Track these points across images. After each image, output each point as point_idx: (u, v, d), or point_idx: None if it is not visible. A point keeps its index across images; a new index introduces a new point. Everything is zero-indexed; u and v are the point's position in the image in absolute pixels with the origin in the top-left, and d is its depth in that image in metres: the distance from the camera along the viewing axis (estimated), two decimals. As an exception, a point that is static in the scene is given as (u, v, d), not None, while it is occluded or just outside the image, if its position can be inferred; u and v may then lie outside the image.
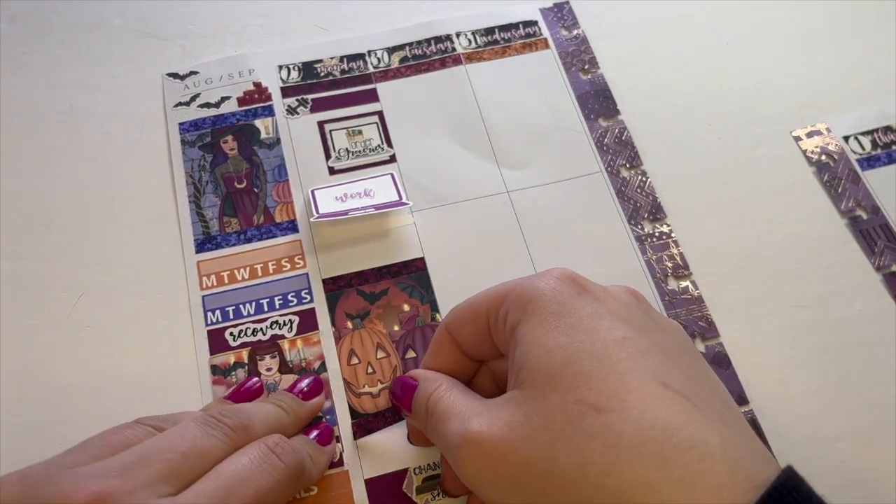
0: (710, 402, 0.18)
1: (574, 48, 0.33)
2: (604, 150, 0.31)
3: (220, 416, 0.21)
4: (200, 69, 0.32)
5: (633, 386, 0.18)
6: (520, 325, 0.20)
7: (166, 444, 0.19)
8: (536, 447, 0.18)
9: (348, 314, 0.27)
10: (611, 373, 0.18)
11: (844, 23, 0.34)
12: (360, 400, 0.25)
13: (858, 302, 0.28)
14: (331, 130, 0.31)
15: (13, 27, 0.33)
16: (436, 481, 0.24)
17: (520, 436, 0.18)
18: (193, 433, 0.20)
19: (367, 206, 0.28)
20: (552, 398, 0.18)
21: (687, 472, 0.16)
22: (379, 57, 0.33)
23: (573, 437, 0.17)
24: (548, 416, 0.18)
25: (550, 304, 0.20)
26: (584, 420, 0.17)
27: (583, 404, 0.17)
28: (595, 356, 0.18)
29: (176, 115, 0.31)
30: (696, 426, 0.17)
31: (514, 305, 0.20)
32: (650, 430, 0.17)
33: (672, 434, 0.17)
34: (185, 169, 0.30)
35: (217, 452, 0.20)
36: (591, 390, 0.18)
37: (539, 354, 0.19)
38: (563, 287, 0.20)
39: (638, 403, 0.17)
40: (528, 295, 0.20)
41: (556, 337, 0.19)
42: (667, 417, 0.17)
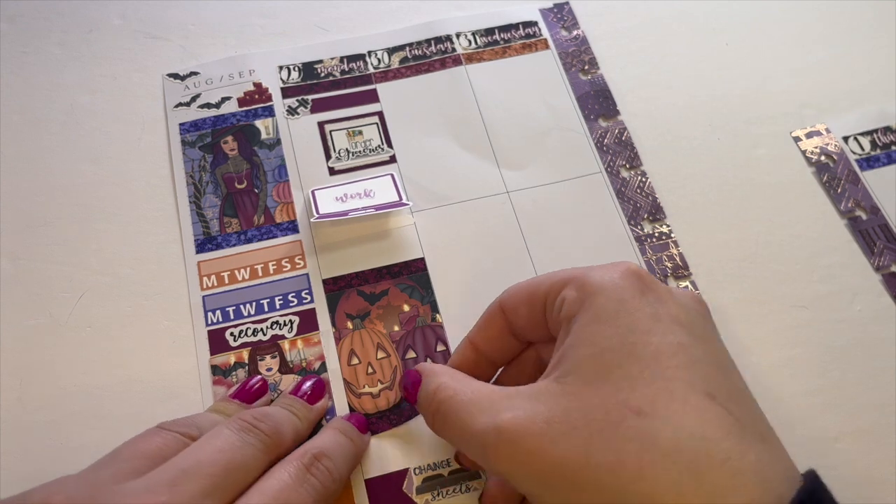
0: (753, 419, 0.18)
1: (574, 49, 0.33)
2: (604, 151, 0.31)
3: (254, 421, 0.21)
4: (201, 70, 0.32)
5: (678, 394, 0.17)
6: (577, 316, 0.20)
7: (207, 457, 0.19)
8: (573, 445, 0.17)
9: (348, 314, 0.27)
10: (657, 378, 0.18)
11: (844, 23, 0.34)
12: (361, 400, 0.26)
13: (858, 302, 0.28)
14: (331, 131, 0.31)
15: (13, 27, 0.33)
16: (436, 481, 0.24)
17: (558, 432, 0.18)
18: (231, 442, 0.20)
19: (368, 206, 0.28)
20: (595, 398, 0.18)
21: (718, 486, 0.16)
22: (379, 57, 0.33)
23: (611, 438, 0.17)
24: (588, 415, 0.18)
25: (611, 301, 0.19)
26: (624, 422, 0.17)
27: (625, 406, 0.17)
28: (645, 360, 0.18)
29: (176, 116, 0.31)
30: (735, 441, 0.17)
31: (575, 296, 0.20)
32: (688, 439, 0.17)
33: (709, 445, 0.17)
34: (186, 169, 0.30)
35: (255, 463, 0.20)
36: (634, 392, 0.18)
37: (590, 353, 0.19)
38: (626, 283, 0.20)
39: (679, 411, 0.17)
40: (591, 287, 0.20)
41: (609, 337, 0.19)
42: (706, 428, 0.17)
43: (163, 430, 0.21)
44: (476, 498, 0.24)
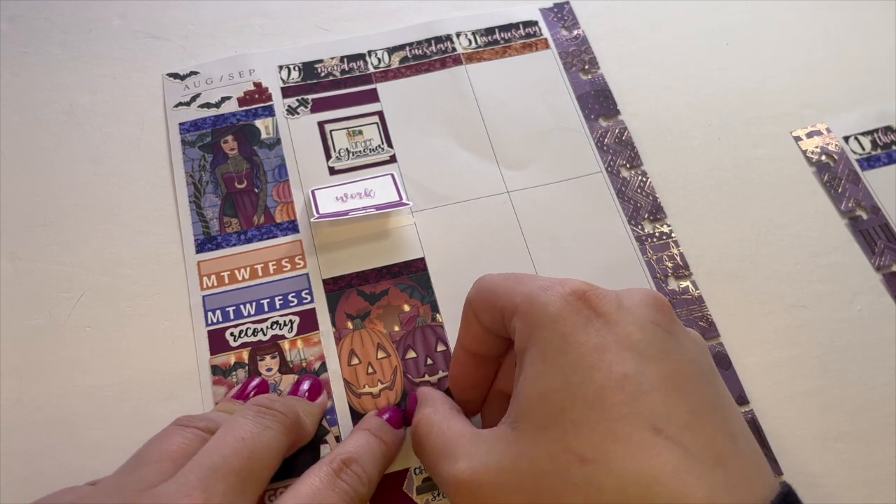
0: (708, 442, 0.17)
1: (574, 48, 0.33)
2: (604, 151, 0.31)
3: (269, 403, 0.21)
4: (201, 69, 0.32)
5: (622, 434, 0.17)
6: (525, 352, 0.20)
7: (230, 450, 0.19)
8: (522, 497, 0.18)
9: (348, 314, 0.27)
10: (601, 420, 0.17)
11: (844, 23, 0.34)
12: (361, 400, 0.25)
13: (858, 302, 0.28)
14: (331, 130, 0.31)
15: (13, 27, 0.33)
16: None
17: (508, 483, 0.18)
18: (250, 430, 0.20)
19: (368, 206, 0.28)
20: (541, 445, 0.18)
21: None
22: (379, 57, 0.33)
23: (558, 487, 0.17)
24: (536, 464, 0.18)
25: (555, 335, 0.19)
26: (569, 471, 0.17)
27: (570, 454, 0.17)
28: (588, 402, 0.18)
29: (176, 116, 0.31)
30: (683, 478, 0.16)
31: (522, 327, 0.20)
32: (634, 484, 0.16)
33: (656, 487, 0.16)
34: (186, 169, 0.30)
35: (277, 445, 0.21)
36: (578, 439, 0.17)
37: (535, 395, 0.18)
38: (570, 313, 0.19)
39: (623, 454, 0.17)
40: (535, 319, 0.19)
41: (553, 379, 0.18)
42: (652, 469, 0.17)
43: (182, 428, 0.21)
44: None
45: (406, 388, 0.26)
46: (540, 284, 0.20)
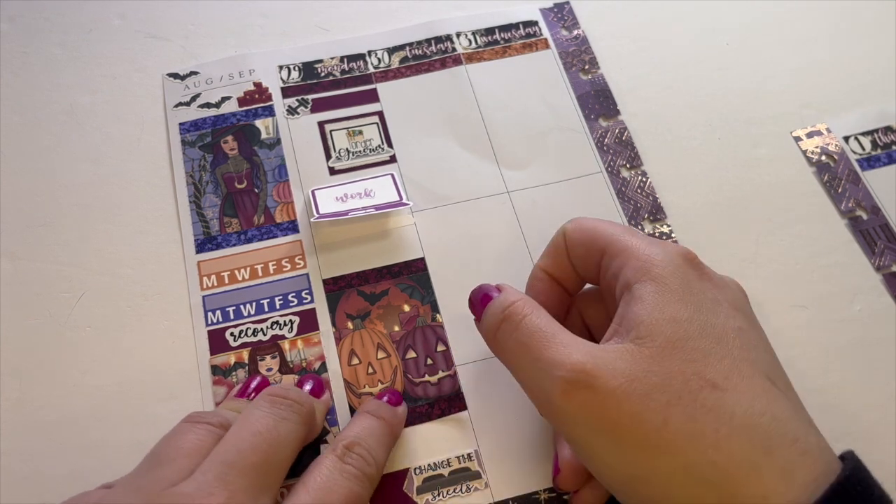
0: (801, 406, 0.20)
1: (574, 48, 0.33)
2: (604, 151, 0.31)
3: (283, 392, 0.22)
4: (201, 69, 0.32)
5: (746, 373, 0.19)
6: (638, 283, 0.20)
7: (247, 444, 0.19)
8: (652, 406, 0.18)
9: (349, 314, 0.27)
10: (727, 357, 0.19)
11: (844, 23, 0.34)
12: (361, 400, 0.25)
13: (858, 302, 0.28)
14: (331, 131, 0.31)
15: (13, 27, 0.33)
16: (436, 481, 0.24)
17: (638, 390, 0.18)
18: (266, 423, 0.20)
19: (368, 206, 0.28)
20: (671, 364, 0.19)
21: (788, 463, 0.17)
22: (379, 57, 0.33)
23: (689, 405, 0.18)
24: (666, 379, 0.18)
25: (674, 277, 0.20)
26: (701, 393, 0.18)
27: (701, 378, 0.18)
28: (715, 338, 0.19)
29: (176, 116, 0.31)
30: (799, 424, 0.18)
31: (633, 266, 0.21)
32: (760, 417, 0.18)
33: (780, 425, 0.18)
34: (186, 169, 0.30)
35: (294, 436, 0.21)
36: (708, 367, 0.18)
37: (663, 319, 0.19)
38: (686, 266, 0.21)
39: (749, 391, 0.18)
40: (652, 262, 0.21)
41: (680, 309, 0.19)
42: (775, 410, 0.18)
43: (195, 425, 0.21)
44: (476, 499, 0.24)
45: (406, 389, 0.26)
46: (649, 238, 0.22)
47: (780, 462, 0.17)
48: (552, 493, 0.24)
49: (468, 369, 0.26)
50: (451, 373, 0.26)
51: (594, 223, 0.23)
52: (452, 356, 0.26)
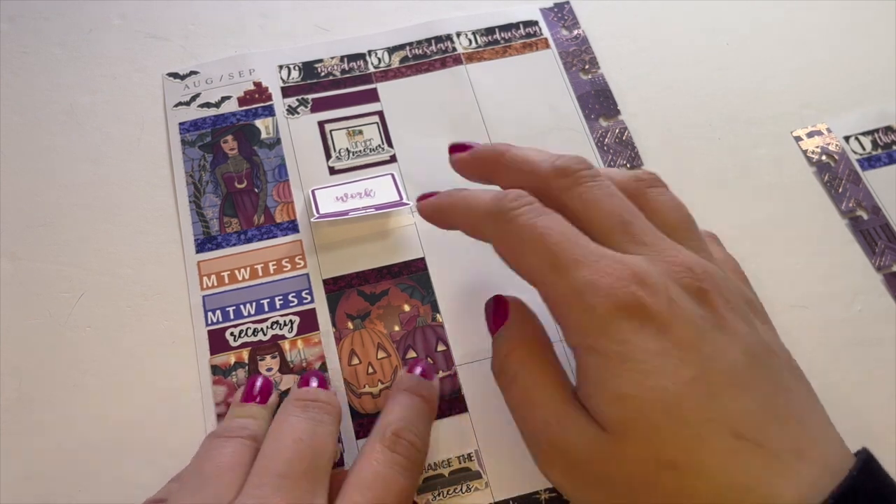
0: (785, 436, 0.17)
1: (574, 48, 0.33)
2: (604, 150, 0.31)
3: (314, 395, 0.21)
4: (201, 69, 0.32)
5: (707, 441, 0.17)
6: (582, 355, 0.19)
7: (292, 453, 0.19)
8: (615, 494, 0.18)
9: (349, 314, 0.27)
10: (683, 426, 0.17)
11: (844, 23, 0.34)
12: (361, 400, 0.25)
13: (858, 302, 0.28)
14: (331, 130, 0.31)
15: (13, 27, 0.33)
16: (437, 481, 0.24)
17: (605, 476, 0.18)
18: (304, 428, 0.20)
19: (368, 206, 0.28)
20: (628, 450, 0.17)
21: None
22: (379, 57, 0.33)
23: (651, 493, 0.17)
24: (625, 468, 0.17)
25: (613, 343, 0.18)
26: (661, 477, 0.17)
27: (659, 462, 0.17)
28: (666, 408, 0.17)
29: (176, 115, 0.31)
30: (772, 480, 0.17)
31: (572, 327, 0.19)
32: (727, 490, 0.16)
33: (747, 495, 0.16)
34: (186, 169, 0.30)
35: (332, 438, 0.21)
36: (665, 445, 0.17)
37: (610, 399, 0.18)
38: (622, 320, 0.18)
39: (712, 462, 0.17)
40: (585, 324, 0.18)
41: (623, 384, 0.17)
42: (743, 477, 0.16)
43: (227, 440, 0.21)
44: (476, 499, 0.24)
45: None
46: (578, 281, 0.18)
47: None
48: (553, 493, 0.24)
49: (468, 369, 0.26)
50: (452, 373, 0.26)
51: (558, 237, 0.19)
52: (453, 356, 0.26)
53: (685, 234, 0.21)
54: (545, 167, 0.21)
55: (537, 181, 0.21)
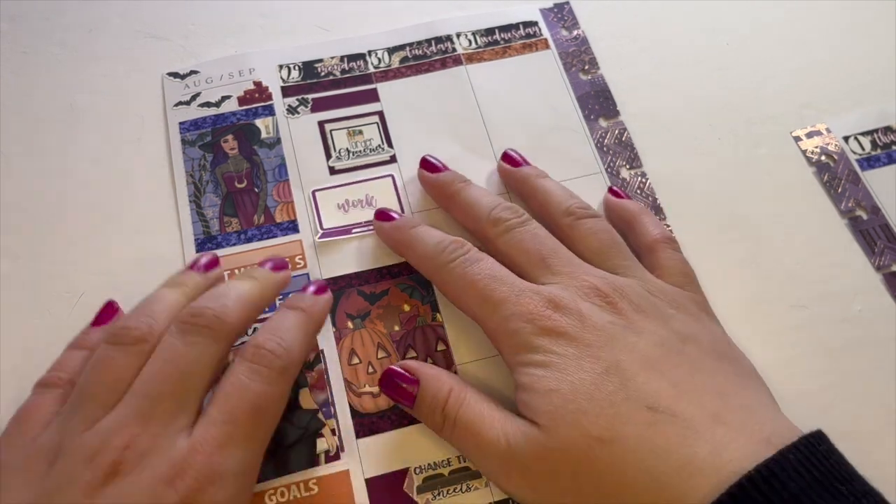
0: (700, 407, 0.20)
1: (574, 49, 0.33)
2: (604, 151, 0.31)
3: (191, 319, 0.21)
4: (201, 68, 0.32)
5: (626, 417, 0.20)
6: (512, 368, 0.23)
7: (164, 376, 0.20)
8: (562, 476, 0.20)
9: (349, 314, 0.27)
10: (604, 406, 0.20)
11: (844, 23, 0.34)
12: (361, 399, 0.26)
13: (858, 302, 0.28)
14: (331, 130, 0.31)
15: (13, 27, 0.33)
16: (437, 481, 0.24)
17: (550, 466, 0.20)
18: (176, 350, 0.21)
19: (370, 221, 0.28)
20: (561, 433, 0.20)
21: (679, 490, 0.19)
22: (379, 57, 0.33)
23: (589, 469, 0.20)
24: (562, 451, 0.20)
25: (533, 354, 0.22)
26: (592, 451, 0.20)
27: (589, 437, 0.20)
28: (587, 394, 0.20)
29: (176, 115, 0.31)
30: (686, 444, 0.19)
31: (506, 350, 0.23)
32: (649, 456, 0.19)
33: (666, 458, 0.19)
34: (186, 168, 0.30)
35: (206, 360, 0.21)
36: (591, 425, 0.20)
37: (537, 400, 0.21)
38: (538, 340, 0.22)
39: (633, 433, 0.20)
40: (516, 347, 0.22)
41: (549, 383, 0.21)
42: (660, 440, 0.19)
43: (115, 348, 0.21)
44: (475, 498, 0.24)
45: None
46: (504, 315, 0.23)
47: (672, 493, 0.19)
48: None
49: (468, 369, 0.26)
50: (452, 372, 0.26)
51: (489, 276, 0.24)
52: (453, 356, 0.26)
53: (605, 255, 0.25)
54: (483, 215, 0.26)
55: (478, 225, 0.26)
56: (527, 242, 0.24)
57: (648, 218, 0.27)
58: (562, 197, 0.27)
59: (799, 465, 0.18)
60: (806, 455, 0.18)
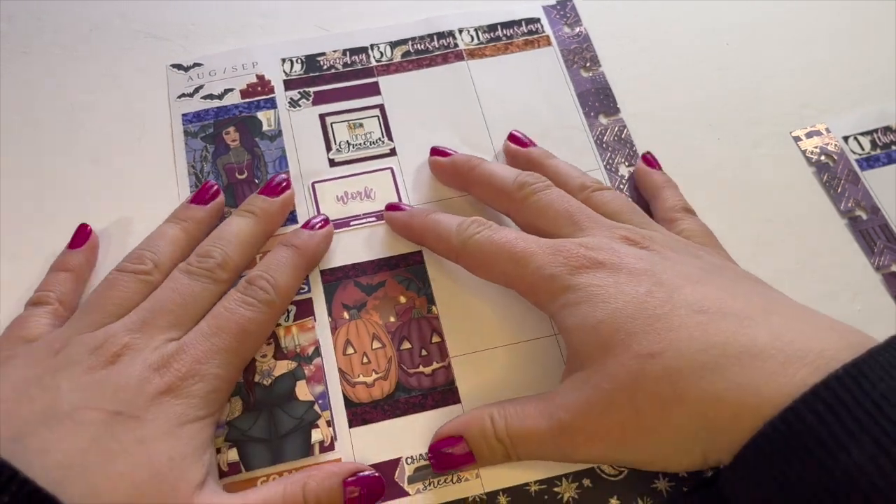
0: (749, 302, 0.20)
1: (576, 46, 0.34)
2: (603, 148, 0.31)
3: (198, 262, 0.25)
4: (204, 61, 0.32)
5: (676, 323, 0.19)
6: (555, 315, 0.22)
7: (167, 301, 0.24)
8: (619, 408, 0.20)
9: (345, 305, 0.27)
10: (650, 321, 0.20)
11: (844, 23, 0.34)
12: (355, 389, 0.25)
13: (858, 302, 0.27)
14: (332, 123, 0.31)
15: (13, 27, 0.33)
16: (428, 471, 0.24)
17: (601, 406, 0.20)
18: (183, 283, 0.24)
19: (368, 213, 0.29)
20: (610, 365, 0.20)
21: (744, 375, 0.18)
22: (381, 51, 0.33)
23: (643, 385, 0.19)
24: (615, 380, 0.20)
25: (573, 293, 0.21)
26: (644, 368, 0.19)
27: (638, 356, 0.19)
28: (632, 316, 0.20)
29: (179, 107, 0.31)
30: (743, 332, 0.19)
31: (544, 298, 0.23)
32: (704, 353, 0.19)
33: (723, 349, 0.19)
34: (188, 160, 0.30)
35: (207, 294, 0.24)
36: (641, 344, 0.19)
37: (584, 337, 0.21)
38: (576, 275, 0.22)
39: (684, 335, 0.19)
40: (554, 291, 0.22)
41: (592, 316, 0.21)
42: (713, 338, 0.19)
43: (123, 274, 0.24)
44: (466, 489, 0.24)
45: (400, 379, 0.26)
46: (538, 264, 0.22)
47: (735, 380, 0.18)
48: (543, 485, 0.24)
49: (462, 361, 0.26)
50: (446, 364, 0.26)
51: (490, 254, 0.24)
52: (447, 348, 0.26)
53: (627, 216, 0.25)
54: (508, 182, 0.26)
55: (502, 194, 0.26)
56: (555, 202, 0.25)
57: (672, 191, 0.28)
58: (574, 174, 0.27)
59: (889, 366, 0.17)
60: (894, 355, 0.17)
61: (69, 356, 0.22)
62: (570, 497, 0.24)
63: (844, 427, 0.16)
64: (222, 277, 0.25)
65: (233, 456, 0.24)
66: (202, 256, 0.25)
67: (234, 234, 0.26)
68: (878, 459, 0.15)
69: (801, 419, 0.16)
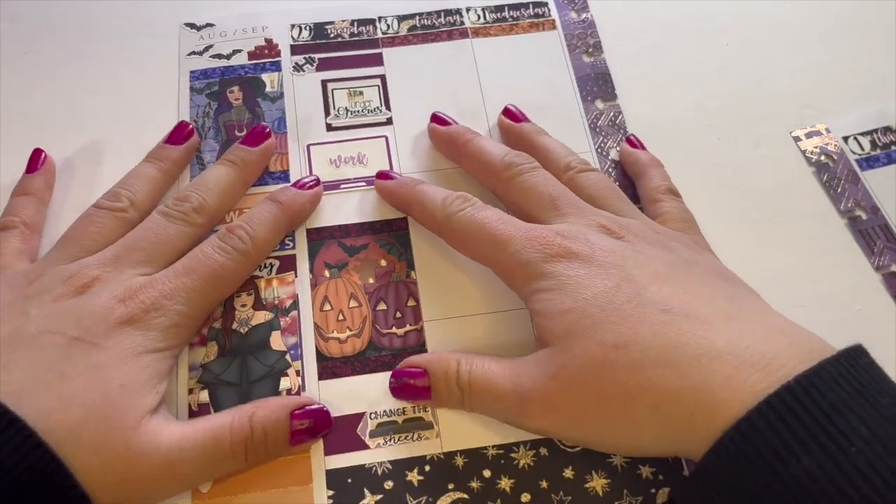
0: (711, 307, 0.20)
1: (580, 31, 0.34)
2: (596, 132, 0.31)
3: (175, 205, 0.25)
4: (217, 22, 0.33)
5: (641, 320, 0.20)
6: (527, 299, 0.23)
7: (141, 239, 0.24)
8: (581, 389, 0.20)
9: (327, 263, 0.27)
10: (617, 315, 0.20)
11: (844, 23, 0.34)
12: (328, 344, 0.25)
13: (858, 302, 0.27)
14: (333, 89, 0.32)
15: (13, 27, 0.32)
16: (390, 427, 0.23)
17: (562, 383, 0.20)
18: (159, 223, 0.25)
19: (359, 177, 0.29)
20: (577, 348, 0.20)
21: (701, 376, 0.19)
22: (388, 23, 0.34)
23: (607, 374, 0.20)
24: (579, 362, 0.20)
25: (545, 281, 0.22)
26: (608, 357, 0.20)
27: (604, 345, 0.20)
28: (600, 306, 0.21)
29: (188, 63, 0.32)
30: (703, 335, 0.19)
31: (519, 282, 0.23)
32: (665, 350, 0.19)
33: (684, 349, 0.19)
34: (191, 115, 0.31)
35: (181, 236, 0.25)
36: (607, 334, 0.20)
37: (552, 322, 0.21)
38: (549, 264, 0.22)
39: (648, 334, 0.20)
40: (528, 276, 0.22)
41: (561, 302, 0.21)
42: (676, 337, 0.19)
43: (99, 210, 0.25)
44: (425, 448, 0.23)
45: (373, 338, 0.25)
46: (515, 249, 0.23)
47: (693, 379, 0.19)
48: (500, 450, 0.23)
49: (434, 326, 0.26)
50: (418, 327, 0.26)
51: None
52: (422, 312, 0.26)
53: (607, 202, 0.26)
54: (496, 160, 0.26)
55: (490, 171, 0.27)
56: (539, 185, 0.25)
57: (657, 170, 0.28)
58: (562, 153, 0.27)
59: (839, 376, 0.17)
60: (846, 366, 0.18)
61: (42, 285, 0.23)
62: (526, 464, 0.23)
63: (795, 435, 0.16)
64: (197, 221, 0.25)
65: (204, 397, 0.24)
66: (180, 200, 0.25)
67: (213, 180, 0.27)
68: (825, 466, 0.16)
69: (755, 428, 0.17)
